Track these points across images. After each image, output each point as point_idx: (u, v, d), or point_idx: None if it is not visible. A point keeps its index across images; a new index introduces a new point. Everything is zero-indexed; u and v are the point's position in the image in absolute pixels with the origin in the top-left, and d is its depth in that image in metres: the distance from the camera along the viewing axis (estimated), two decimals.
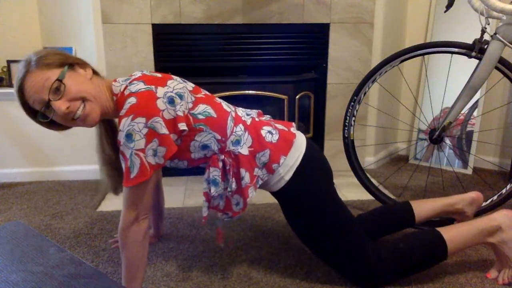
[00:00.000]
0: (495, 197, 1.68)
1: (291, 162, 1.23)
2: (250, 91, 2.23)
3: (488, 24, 1.54)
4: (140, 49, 2.13)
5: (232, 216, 1.26)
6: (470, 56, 1.60)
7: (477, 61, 1.58)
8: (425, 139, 2.52)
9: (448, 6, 1.60)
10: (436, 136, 1.69)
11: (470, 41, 1.59)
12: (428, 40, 2.51)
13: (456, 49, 1.61)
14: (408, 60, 1.73)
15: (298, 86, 2.29)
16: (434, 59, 2.48)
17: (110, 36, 2.09)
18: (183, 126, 1.12)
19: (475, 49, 1.57)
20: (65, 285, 0.70)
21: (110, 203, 1.98)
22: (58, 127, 1.15)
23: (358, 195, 2.03)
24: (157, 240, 1.60)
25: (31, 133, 2.23)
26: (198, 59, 2.20)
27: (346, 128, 1.82)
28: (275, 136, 1.25)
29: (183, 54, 2.19)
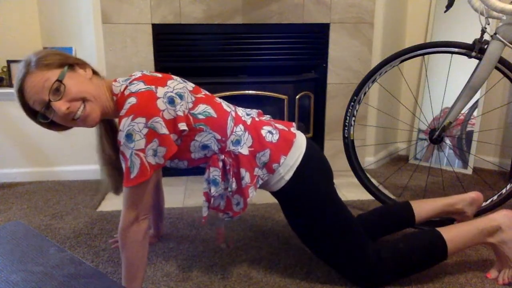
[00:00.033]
0: (495, 197, 1.68)
1: (291, 162, 1.23)
2: (250, 91, 2.23)
3: (488, 24, 1.54)
4: (140, 49, 2.13)
5: (233, 216, 1.26)
6: (470, 56, 1.60)
7: (477, 61, 1.58)
8: (425, 139, 2.52)
9: (448, 6, 1.60)
10: (436, 136, 1.69)
11: (470, 41, 1.59)
12: (428, 40, 2.51)
13: (456, 49, 1.61)
14: (408, 60, 1.73)
15: (298, 86, 2.29)
16: (434, 59, 2.48)
17: (110, 36, 2.09)
18: (183, 126, 1.12)
19: (475, 49, 1.57)
20: (65, 285, 0.70)
21: (110, 203, 1.98)
22: (58, 128, 1.15)
23: (358, 195, 2.03)
24: (157, 240, 1.60)
25: (31, 133, 2.23)
26: (198, 59, 2.20)
27: (346, 128, 1.82)
28: (275, 136, 1.25)
29: (183, 54, 2.19)
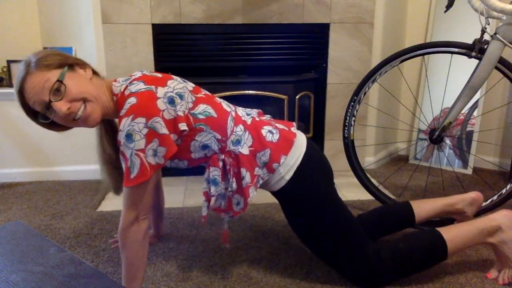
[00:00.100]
0: (495, 197, 1.68)
1: (292, 162, 1.23)
2: (250, 91, 2.23)
3: (488, 24, 1.54)
4: (140, 49, 2.13)
5: (233, 216, 1.26)
6: (470, 56, 1.60)
7: (477, 61, 1.58)
8: (425, 139, 2.52)
9: (448, 6, 1.60)
10: (436, 136, 1.69)
11: (470, 41, 1.59)
12: (428, 40, 2.51)
13: (456, 49, 1.61)
14: (408, 60, 1.73)
15: (298, 86, 2.29)
16: (434, 59, 2.48)
17: (110, 36, 2.09)
18: (184, 126, 1.12)
19: (475, 49, 1.57)
20: (65, 285, 0.70)
21: (110, 203, 1.98)
22: (59, 128, 1.15)
23: (358, 195, 2.03)
24: (157, 240, 1.60)
25: (31, 133, 2.23)
26: (198, 59, 2.20)
27: (346, 128, 1.82)
28: (276, 136, 1.25)
29: (183, 54, 2.19)
